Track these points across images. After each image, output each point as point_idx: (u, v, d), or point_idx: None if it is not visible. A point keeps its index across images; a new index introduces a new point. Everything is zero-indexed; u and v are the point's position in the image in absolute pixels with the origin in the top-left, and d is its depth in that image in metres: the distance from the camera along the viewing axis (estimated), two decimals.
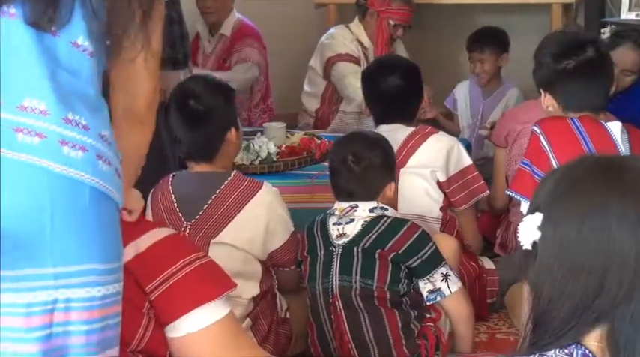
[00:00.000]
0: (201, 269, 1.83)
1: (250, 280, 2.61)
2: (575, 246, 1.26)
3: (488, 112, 4.33)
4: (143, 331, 1.80)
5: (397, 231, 2.57)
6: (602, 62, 2.66)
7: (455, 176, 3.06)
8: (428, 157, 3.03)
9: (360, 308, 2.57)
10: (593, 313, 1.24)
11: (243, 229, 2.57)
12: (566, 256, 1.27)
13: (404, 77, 3.14)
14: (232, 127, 2.67)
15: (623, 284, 1.23)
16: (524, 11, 5.01)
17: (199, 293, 1.80)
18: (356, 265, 2.56)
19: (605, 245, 1.24)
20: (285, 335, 2.73)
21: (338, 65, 4.35)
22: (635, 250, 1.23)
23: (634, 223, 1.24)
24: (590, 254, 1.25)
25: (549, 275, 1.28)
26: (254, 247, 2.61)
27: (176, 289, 1.79)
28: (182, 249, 1.86)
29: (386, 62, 3.44)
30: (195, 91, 2.65)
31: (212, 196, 2.58)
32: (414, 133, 3.07)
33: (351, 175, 2.63)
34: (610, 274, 1.24)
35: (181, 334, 1.80)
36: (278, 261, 2.70)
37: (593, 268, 1.24)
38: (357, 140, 2.74)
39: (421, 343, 2.59)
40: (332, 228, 2.62)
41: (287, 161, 3.40)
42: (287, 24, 5.24)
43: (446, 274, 2.59)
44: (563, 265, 1.27)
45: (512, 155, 3.49)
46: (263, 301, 2.65)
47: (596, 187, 1.28)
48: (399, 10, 4.37)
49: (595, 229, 1.25)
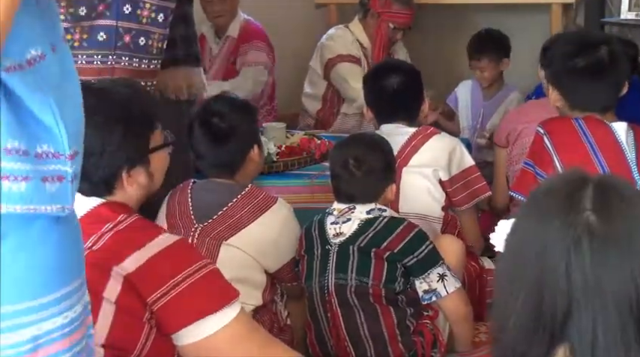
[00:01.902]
0: (204, 280, 1.82)
1: (255, 290, 2.63)
2: (517, 258, 1.24)
3: (488, 115, 4.33)
4: (145, 339, 1.80)
5: (393, 230, 2.58)
6: (613, 63, 2.63)
7: (457, 176, 3.06)
8: (430, 156, 3.03)
9: (355, 306, 2.57)
10: (542, 332, 1.21)
11: (255, 237, 2.59)
12: (510, 267, 1.25)
13: (405, 76, 3.17)
14: (255, 145, 2.72)
15: (560, 304, 1.20)
16: (524, 11, 5.01)
17: (201, 306, 1.80)
18: (351, 263, 2.57)
19: (539, 261, 1.21)
20: (286, 342, 2.73)
21: (339, 66, 4.35)
22: (566, 270, 1.20)
23: (566, 241, 1.21)
24: (527, 268, 1.22)
25: (499, 286, 1.27)
26: (263, 257, 2.63)
27: (178, 302, 1.78)
28: (185, 259, 1.85)
29: (387, 64, 3.49)
30: (219, 109, 2.69)
31: (228, 204, 2.60)
32: (417, 132, 3.08)
33: (353, 179, 2.64)
34: (545, 291, 1.21)
35: (188, 342, 1.80)
36: (285, 276, 2.73)
37: (529, 283, 1.22)
38: (358, 143, 2.74)
39: (417, 340, 2.59)
40: (329, 227, 2.63)
41: (287, 161, 3.40)
42: (287, 24, 5.24)
43: (442, 275, 2.59)
44: (508, 278, 1.25)
45: (512, 155, 3.50)
46: (264, 309, 2.67)
47: (548, 199, 1.25)
48: (399, 14, 4.36)
49: (532, 242, 1.23)
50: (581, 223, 1.21)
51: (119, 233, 1.86)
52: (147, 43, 2.61)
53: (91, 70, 2.53)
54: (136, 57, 2.60)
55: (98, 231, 1.85)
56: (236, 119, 2.69)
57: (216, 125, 2.67)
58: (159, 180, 2.06)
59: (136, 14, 2.57)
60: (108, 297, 1.80)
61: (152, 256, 1.81)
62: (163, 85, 2.95)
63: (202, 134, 2.68)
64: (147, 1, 2.58)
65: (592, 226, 1.21)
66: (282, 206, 2.67)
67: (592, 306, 1.20)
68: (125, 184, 1.95)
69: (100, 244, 1.84)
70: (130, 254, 1.80)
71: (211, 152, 2.69)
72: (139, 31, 2.59)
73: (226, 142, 2.67)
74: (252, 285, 2.61)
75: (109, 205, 1.93)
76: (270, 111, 4.68)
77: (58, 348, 1.25)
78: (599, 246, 1.20)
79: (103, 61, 2.56)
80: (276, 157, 3.40)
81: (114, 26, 2.56)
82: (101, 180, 1.92)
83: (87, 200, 1.92)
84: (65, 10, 2.52)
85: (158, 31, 2.63)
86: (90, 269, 1.79)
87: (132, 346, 1.80)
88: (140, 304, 1.79)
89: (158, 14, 2.62)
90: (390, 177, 2.71)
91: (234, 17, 4.58)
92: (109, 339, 1.80)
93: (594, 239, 1.20)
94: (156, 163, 2.02)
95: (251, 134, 2.75)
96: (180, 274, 1.80)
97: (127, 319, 1.80)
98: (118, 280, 1.79)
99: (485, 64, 4.24)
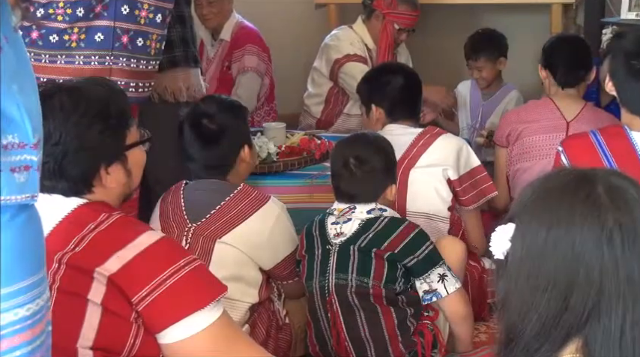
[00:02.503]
0: (189, 277, 1.81)
1: (251, 288, 2.63)
2: (540, 259, 1.24)
3: (487, 114, 4.33)
4: (133, 339, 1.79)
5: (394, 230, 2.57)
6: None
7: (465, 175, 3.08)
8: (438, 155, 3.05)
9: (355, 306, 2.57)
10: (562, 329, 1.23)
11: (248, 235, 2.59)
12: (531, 269, 1.25)
13: (406, 74, 3.25)
14: (246, 145, 2.72)
15: (589, 300, 1.21)
16: (524, 11, 5.01)
17: (188, 302, 1.78)
18: (352, 263, 2.57)
19: (569, 259, 1.23)
20: (285, 340, 2.74)
21: (348, 65, 4.33)
22: (600, 265, 1.22)
23: (598, 236, 1.23)
24: (555, 268, 1.23)
25: (516, 288, 1.26)
26: (257, 255, 2.63)
27: (164, 300, 1.77)
28: (169, 256, 1.83)
29: (387, 66, 3.56)
30: (208, 111, 2.68)
31: (221, 203, 2.60)
32: (424, 132, 3.10)
33: (353, 179, 2.63)
34: (575, 289, 1.22)
35: (172, 340, 1.79)
36: (280, 274, 2.72)
37: (558, 282, 1.23)
38: (359, 143, 2.73)
39: (417, 340, 2.59)
40: (330, 227, 2.63)
41: (287, 161, 3.40)
42: (287, 24, 5.24)
43: (443, 275, 2.59)
44: (528, 278, 1.25)
45: (513, 155, 3.50)
46: (261, 308, 2.67)
47: (564, 200, 1.26)
48: (405, 14, 4.35)
49: (559, 242, 1.24)
50: (609, 218, 1.23)
51: (101, 234, 1.84)
52: (145, 44, 2.61)
53: (89, 71, 2.52)
54: (134, 58, 2.59)
55: (79, 233, 1.84)
56: (225, 120, 2.67)
57: (205, 127, 2.66)
58: (137, 177, 2.06)
59: (133, 15, 2.57)
60: (93, 299, 1.78)
61: (135, 255, 1.80)
62: (162, 88, 2.94)
63: (192, 136, 2.67)
64: (145, 2, 2.58)
65: (619, 220, 1.23)
66: (274, 204, 2.66)
67: (623, 300, 1.22)
68: (104, 181, 1.94)
69: (82, 245, 1.82)
70: (113, 254, 1.79)
71: (202, 154, 2.67)
72: (137, 31, 2.58)
73: (217, 143, 2.66)
74: (247, 283, 2.61)
75: (90, 206, 1.92)
76: (270, 111, 4.67)
77: (21, 340, 1.26)
78: (629, 237, 1.23)
79: (100, 61, 2.55)
80: (276, 157, 3.40)
81: (111, 27, 2.55)
82: (79, 178, 1.91)
83: (67, 201, 1.91)
84: (63, 11, 2.52)
85: (156, 31, 2.63)
86: (73, 272, 1.80)
87: (120, 347, 1.80)
88: (126, 305, 1.78)
89: (156, 15, 2.61)
90: (391, 177, 2.70)
91: (226, 20, 4.57)
92: (97, 341, 1.79)
93: (624, 233, 1.23)
94: (133, 159, 2.01)
95: (241, 134, 2.74)
96: (165, 273, 1.79)
97: (114, 320, 1.79)
98: (102, 282, 1.78)
99: (482, 63, 4.24)
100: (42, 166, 1.86)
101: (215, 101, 2.76)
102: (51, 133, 1.85)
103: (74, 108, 1.89)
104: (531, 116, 3.49)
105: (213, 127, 2.66)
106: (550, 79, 3.51)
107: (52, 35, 2.54)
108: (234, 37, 4.57)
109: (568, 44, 3.60)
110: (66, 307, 1.78)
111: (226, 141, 2.66)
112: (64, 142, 1.87)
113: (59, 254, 1.81)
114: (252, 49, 4.53)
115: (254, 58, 4.52)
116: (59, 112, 1.88)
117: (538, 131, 3.44)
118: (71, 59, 2.55)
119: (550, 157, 3.40)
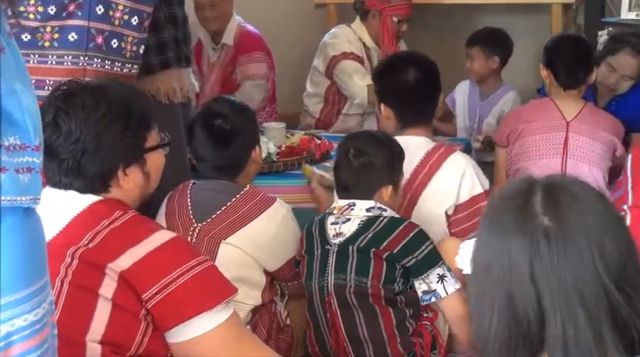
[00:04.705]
0: (200, 277, 1.82)
1: (254, 289, 2.63)
2: (486, 271, 1.23)
3: (484, 115, 4.33)
4: (141, 336, 1.80)
5: (393, 230, 2.57)
6: None
7: (462, 204, 2.94)
8: (445, 186, 2.92)
9: (354, 306, 2.57)
10: (524, 345, 1.20)
11: (254, 236, 2.60)
12: (482, 281, 1.24)
13: (422, 67, 3.07)
14: (256, 146, 2.74)
15: (530, 312, 1.19)
16: (524, 11, 5.01)
17: (197, 302, 1.80)
18: (351, 263, 2.56)
19: (506, 270, 1.21)
20: (286, 342, 2.75)
21: (343, 63, 4.34)
22: (530, 275, 1.19)
23: (526, 247, 1.20)
24: (496, 280, 1.22)
25: (475, 302, 1.25)
26: (262, 257, 2.63)
27: (174, 298, 1.78)
28: (181, 255, 1.84)
29: (402, 56, 3.41)
30: (222, 111, 2.68)
31: (227, 203, 2.60)
32: (433, 150, 2.95)
33: (349, 168, 2.63)
34: (516, 301, 1.20)
35: (182, 339, 1.80)
36: (285, 275, 2.73)
37: (500, 295, 1.21)
38: (365, 136, 2.75)
39: (416, 341, 2.59)
40: (329, 227, 2.63)
41: (287, 161, 3.40)
42: (287, 24, 5.24)
43: (442, 275, 2.57)
44: (483, 291, 1.24)
45: (512, 154, 3.50)
46: (263, 309, 2.68)
47: (503, 210, 1.25)
48: (398, 6, 4.38)
49: (499, 254, 1.22)
50: (536, 228, 1.21)
51: (114, 230, 1.86)
52: (120, 46, 2.54)
53: (62, 71, 2.46)
54: (109, 59, 2.52)
55: (94, 228, 1.85)
56: (238, 120, 2.68)
57: (219, 127, 2.66)
58: (155, 181, 2.06)
59: (108, 15, 2.50)
60: (104, 294, 1.80)
61: (147, 253, 1.81)
62: (155, 89, 2.93)
63: (205, 137, 2.67)
64: (120, 3, 2.51)
65: (547, 229, 1.21)
66: (280, 206, 2.66)
67: (560, 309, 1.19)
68: (121, 182, 1.95)
69: (96, 241, 1.84)
70: (125, 251, 1.80)
71: (214, 154, 2.68)
72: (111, 32, 2.52)
73: (230, 143, 2.66)
74: (251, 284, 2.61)
75: (105, 202, 1.93)
76: (271, 113, 4.67)
77: (31, 344, 1.26)
78: (557, 247, 1.20)
79: (74, 62, 2.49)
80: (276, 157, 3.40)
81: (85, 27, 2.49)
82: (97, 176, 1.92)
83: (83, 197, 1.92)
84: (34, 9, 2.47)
85: (132, 34, 2.56)
86: (85, 266, 1.81)
87: (129, 343, 1.81)
88: (136, 301, 1.79)
89: (132, 17, 2.54)
90: (389, 177, 2.68)
91: (227, 23, 4.55)
92: (106, 335, 1.81)
93: (551, 241, 1.20)
94: (152, 163, 2.02)
95: (253, 135, 2.76)
96: (176, 271, 1.80)
97: (124, 315, 1.80)
98: (114, 278, 1.79)
99: (475, 53, 4.26)
100: (60, 163, 1.88)
101: (227, 102, 2.78)
102: (71, 131, 1.87)
103: (95, 107, 1.89)
104: (532, 116, 3.49)
105: (227, 127, 2.66)
106: (551, 79, 3.51)
107: (24, 34, 2.46)
108: (237, 43, 4.54)
109: (570, 44, 3.61)
110: (77, 300, 1.80)
111: (239, 141, 2.67)
112: (84, 140, 1.88)
113: (72, 248, 1.83)
114: (259, 56, 4.52)
115: (262, 66, 4.51)
116: (80, 111, 1.89)
117: (538, 131, 3.45)
118: (44, 59, 2.49)
119: (550, 156, 3.41)
